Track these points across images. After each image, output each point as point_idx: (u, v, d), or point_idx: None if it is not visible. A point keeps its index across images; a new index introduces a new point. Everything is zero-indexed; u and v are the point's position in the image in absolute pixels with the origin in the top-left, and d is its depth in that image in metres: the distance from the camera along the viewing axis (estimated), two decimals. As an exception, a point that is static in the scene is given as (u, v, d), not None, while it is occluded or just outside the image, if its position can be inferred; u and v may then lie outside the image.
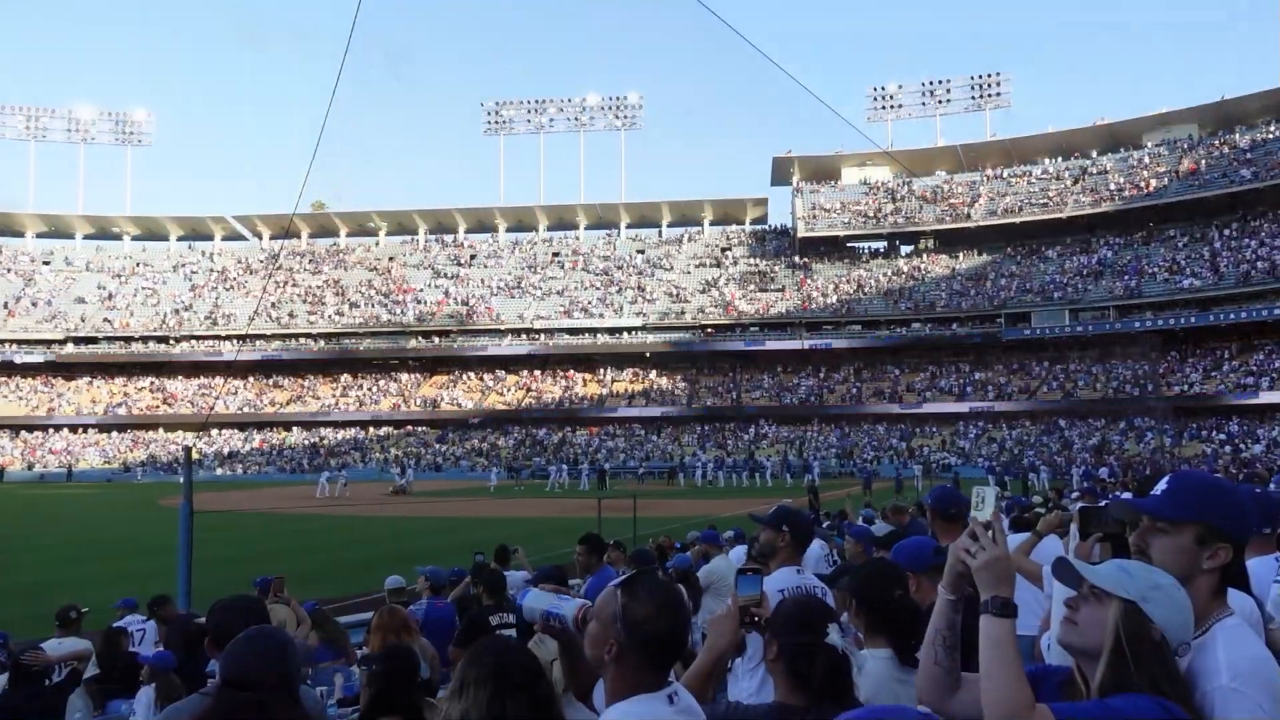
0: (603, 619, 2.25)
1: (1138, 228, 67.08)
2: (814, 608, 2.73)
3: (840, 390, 67.57)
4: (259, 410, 73.16)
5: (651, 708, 2.17)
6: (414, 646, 6.58)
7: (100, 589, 16.54)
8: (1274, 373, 54.18)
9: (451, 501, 41.40)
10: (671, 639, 2.21)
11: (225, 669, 2.78)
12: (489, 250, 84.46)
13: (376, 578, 10.02)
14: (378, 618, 6.64)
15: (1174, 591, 2.05)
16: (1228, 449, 48.60)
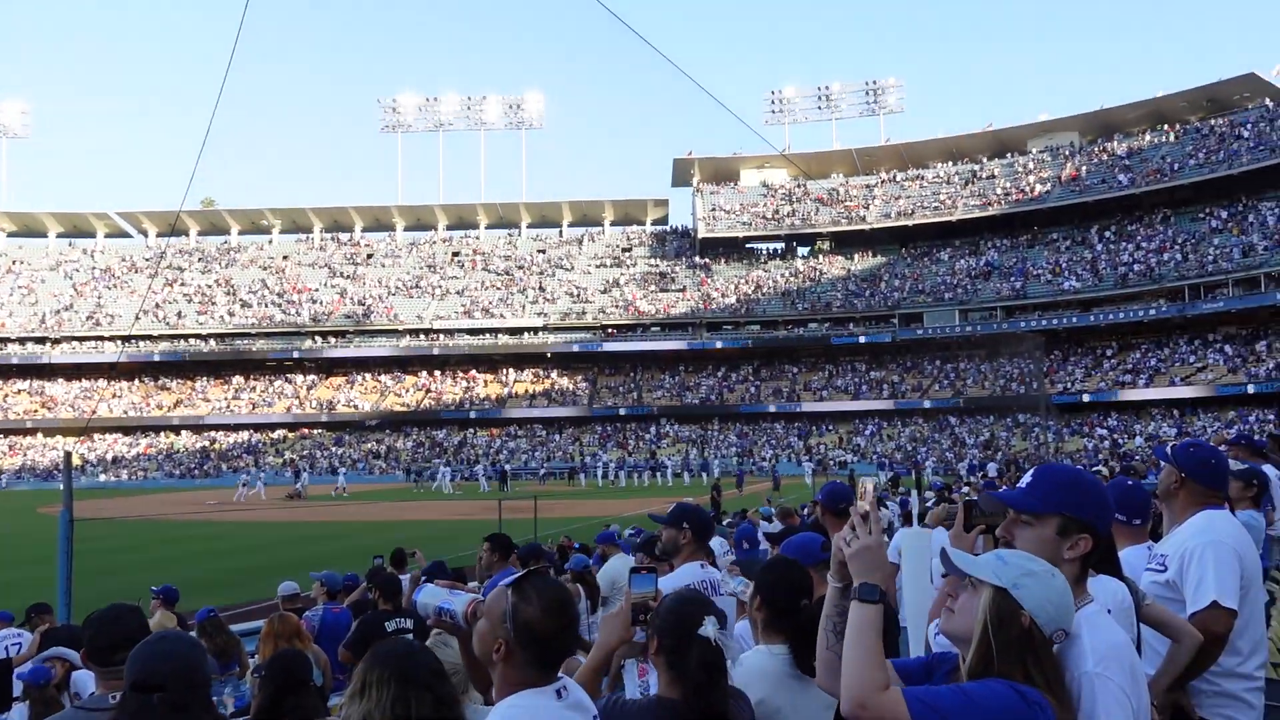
0: (492, 618, 2.26)
1: (1023, 231, 69.41)
2: (690, 601, 2.76)
3: (740, 390, 68.35)
4: (145, 414, 70.68)
5: (538, 702, 2.19)
6: (306, 653, 6.47)
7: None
8: (1150, 371, 56.64)
9: (348, 505, 40.72)
10: (560, 638, 2.24)
11: (135, 672, 2.69)
12: (387, 249, 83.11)
13: (271, 585, 9.79)
14: (268, 625, 6.52)
15: (1048, 579, 2.09)
16: (1107, 444, 50.61)
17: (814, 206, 76.24)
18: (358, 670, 2.75)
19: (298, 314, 74.50)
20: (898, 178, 76.61)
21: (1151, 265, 58.84)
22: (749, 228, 76.21)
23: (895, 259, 72.24)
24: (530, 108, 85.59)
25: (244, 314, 74.84)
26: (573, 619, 2.28)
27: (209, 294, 77.28)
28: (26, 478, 62.45)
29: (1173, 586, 3.68)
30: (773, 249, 78.16)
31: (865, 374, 66.97)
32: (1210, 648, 3.52)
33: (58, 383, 73.21)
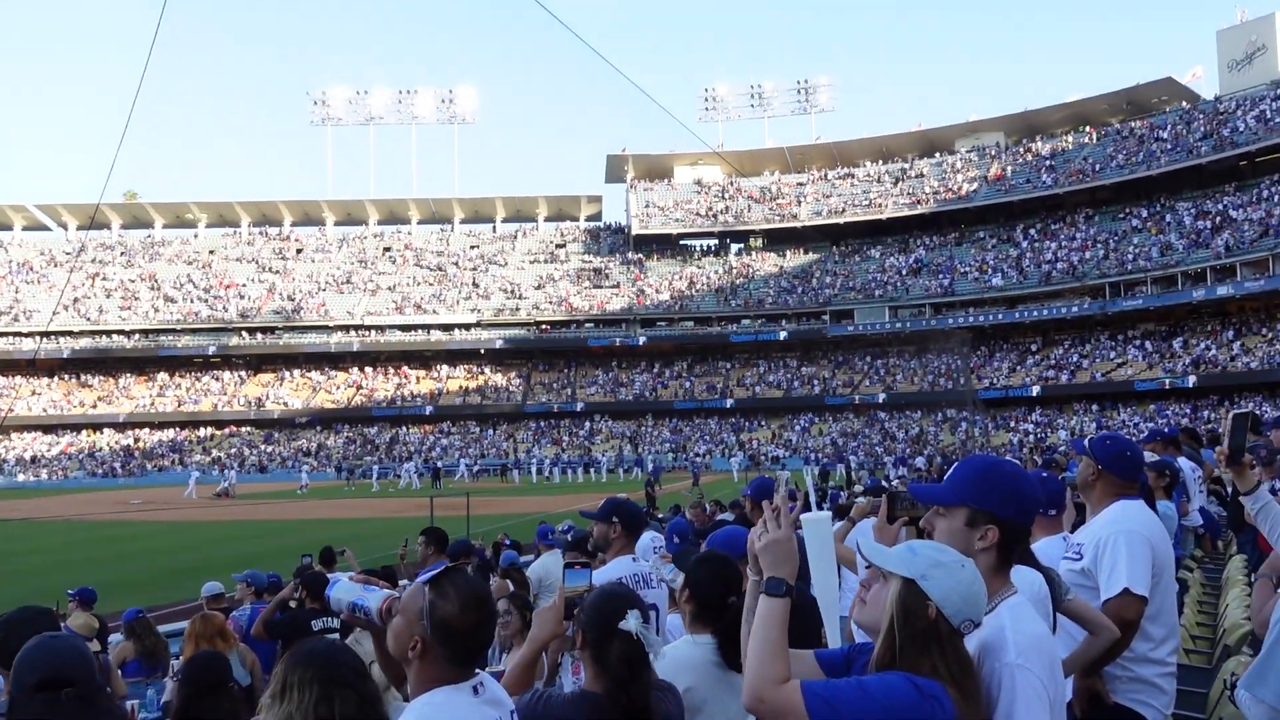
0: (408, 614, 2.24)
1: (951, 229, 70.65)
2: (614, 596, 2.78)
3: (674, 385, 68.58)
4: (66, 412, 68.77)
5: (454, 699, 2.18)
6: (231, 653, 6.36)
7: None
8: (1072, 366, 58.03)
9: (276, 504, 40.08)
10: (477, 636, 2.23)
11: (40, 670, 2.61)
12: (316, 244, 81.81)
13: (196, 585, 9.60)
14: (191, 625, 6.40)
15: (956, 570, 2.10)
16: (1031, 438, 51.77)
17: (747, 204, 76.75)
18: (277, 671, 2.70)
19: (225, 309, 73.00)
20: (829, 176, 77.42)
21: (1074, 263, 60.26)
22: (683, 224, 76.49)
23: (827, 256, 73.02)
24: (463, 102, 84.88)
25: (169, 309, 73.15)
26: (490, 615, 2.27)
27: (132, 289, 75.39)
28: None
29: (1087, 574, 3.78)
30: (706, 246, 78.53)
31: (797, 370, 67.61)
32: (1122, 634, 3.62)
33: (-27, 380, 70.88)
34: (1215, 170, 58.80)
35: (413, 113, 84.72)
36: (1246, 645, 5.47)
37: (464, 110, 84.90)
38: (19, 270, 77.22)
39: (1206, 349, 53.32)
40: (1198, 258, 54.15)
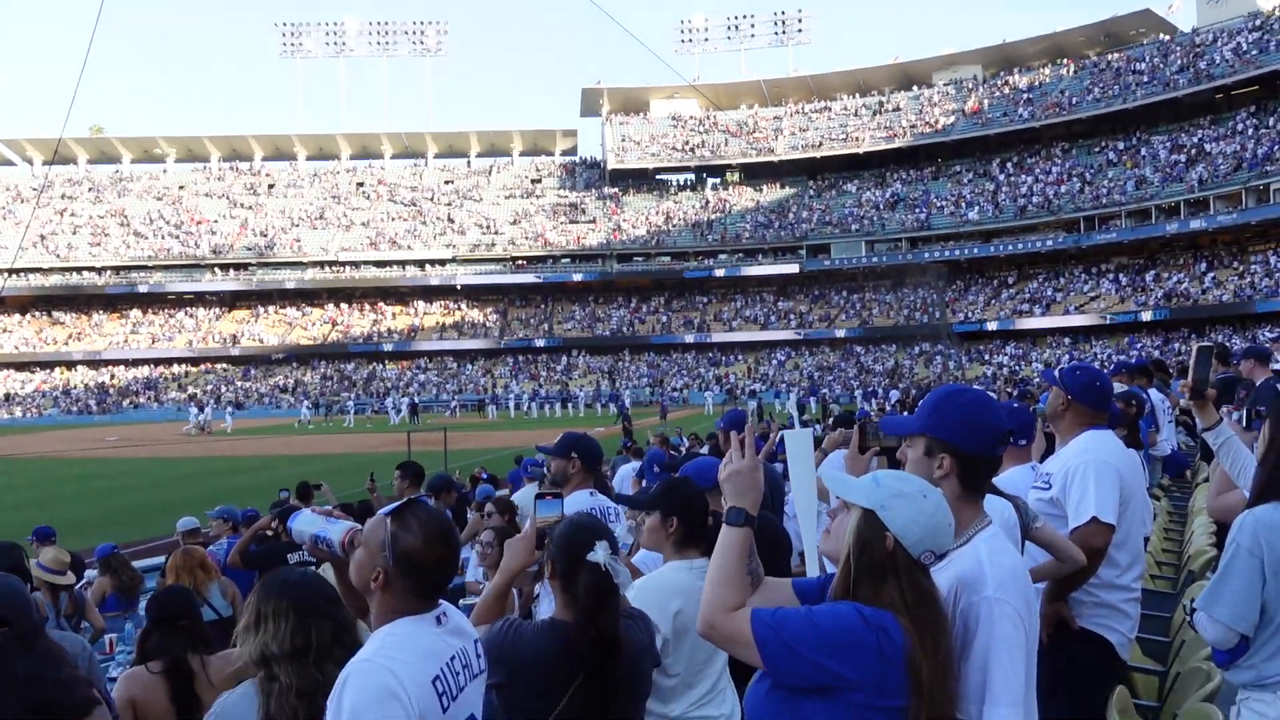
0: (370, 547, 2.22)
1: (928, 163, 70.43)
2: (583, 527, 2.79)
3: (651, 320, 68.58)
4: (39, 349, 68.07)
5: (416, 629, 2.17)
6: (212, 584, 6.38)
7: None
8: (1047, 300, 58.36)
9: (253, 440, 40.02)
10: (440, 568, 2.21)
11: None
12: (289, 180, 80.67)
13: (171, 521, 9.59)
14: (172, 559, 6.40)
15: (917, 500, 2.06)
16: (1005, 370, 52.21)
17: (723, 138, 76.15)
18: (250, 602, 2.70)
19: (197, 246, 72.10)
20: (806, 109, 76.80)
21: (1049, 197, 60.30)
22: (658, 159, 75.87)
23: (803, 190, 72.75)
24: (436, 35, 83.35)
25: (140, 245, 72.20)
26: (454, 548, 2.25)
27: (101, 225, 74.27)
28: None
29: (1056, 503, 3.81)
30: (683, 180, 78.00)
31: (774, 304, 67.69)
32: (1089, 561, 3.66)
33: (-58, 318, 69.96)
34: (1191, 103, 58.68)
35: (385, 45, 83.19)
36: (1210, 571, 5.57)
37: (437, 43, 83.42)
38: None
39: (1179, 282, 53.70)
40: (1171, 191, 54.25)
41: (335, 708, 2.00)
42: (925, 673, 1.96)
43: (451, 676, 2.16)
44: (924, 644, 1.99)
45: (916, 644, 1.98)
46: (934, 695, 1.97)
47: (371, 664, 2.04)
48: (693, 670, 3.42)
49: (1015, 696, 2.13)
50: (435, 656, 2.15)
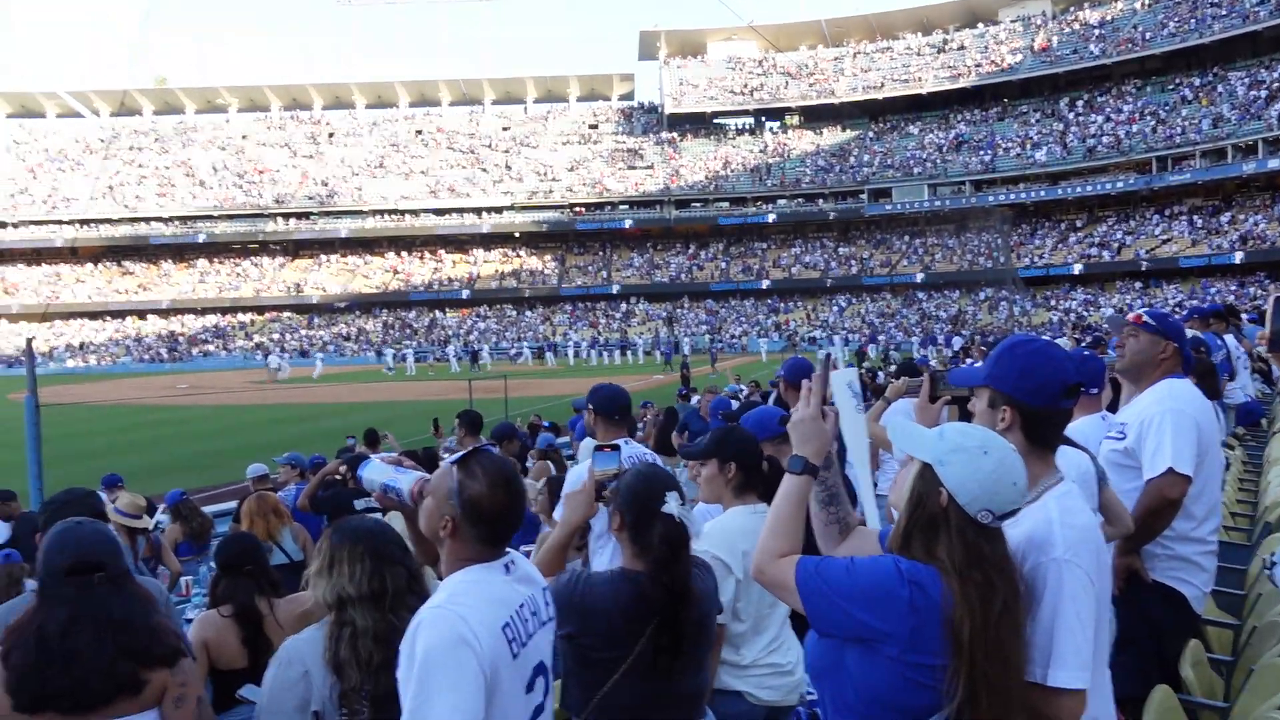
0: (438, 495, 2.24)
1: (993, 103, 68.71)
2: (653, 478, 2.79)
3: (709, 267, 68.24)
4: (110, 299, 69.76)
5: (486, 576, 2.19)
6: (284, 529, 6.52)
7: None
8: (1116, 244, 56.95)
9: (319, 387, 40.72)
10: (506, 516, 2.22)
11: (71, 555, 2.66)
12: (348, 128, 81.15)
13: (240, 467, 9.80)
14: (246, 504, 6.53)
15: (977, 457, 1.98)
16: (1073, 316, 51.20)
17: (782, 80, 74.93)
18: (323, 546, 2.74)
19: (260, 195, 73.08)
20: (867, 49, 75.20)
21: (1120, 137, 58.57)
22: (717, 102, 74.95)
23: (864, 133, 71.50)
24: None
25: (205, 195, 73.34)
26: (519, 495, 2.26)
27: (167, 176, 75.49)
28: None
29: (1130, 454, 3.71)
30: (741, 124, 77.02)
31: (834, 250, 66.93)
32: (1164, 512, 3.57)
33: (18, 268, 71.86)
34: (1271, 37, 56.27)
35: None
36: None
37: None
38: (55, 158, 77.42)
39: (1255, 224, 52.01)
40: (1250, 129, 52.36)
41: (409, 652, 2.03)
42: (967, 633, 1.91)
43: (521, 624, 2.18)
44: (969, 605, 1.92)
45: (960, 603, 1.93)
46: (977, 658, 1.91)
47: (443, 611, 2.06)
48: (760, 616, 3.45)
49: (1082, 660, 2.07)
50: (505, 604, 2.17)
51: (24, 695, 2.43)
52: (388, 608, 2.63)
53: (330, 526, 2.82)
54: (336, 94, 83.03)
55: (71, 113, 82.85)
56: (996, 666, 1.93)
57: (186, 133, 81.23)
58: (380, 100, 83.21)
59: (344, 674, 2.56)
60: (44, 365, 53.75)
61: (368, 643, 2.58)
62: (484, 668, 2.03)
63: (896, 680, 1.97)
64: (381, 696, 2.51)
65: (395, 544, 2.77)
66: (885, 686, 1.98)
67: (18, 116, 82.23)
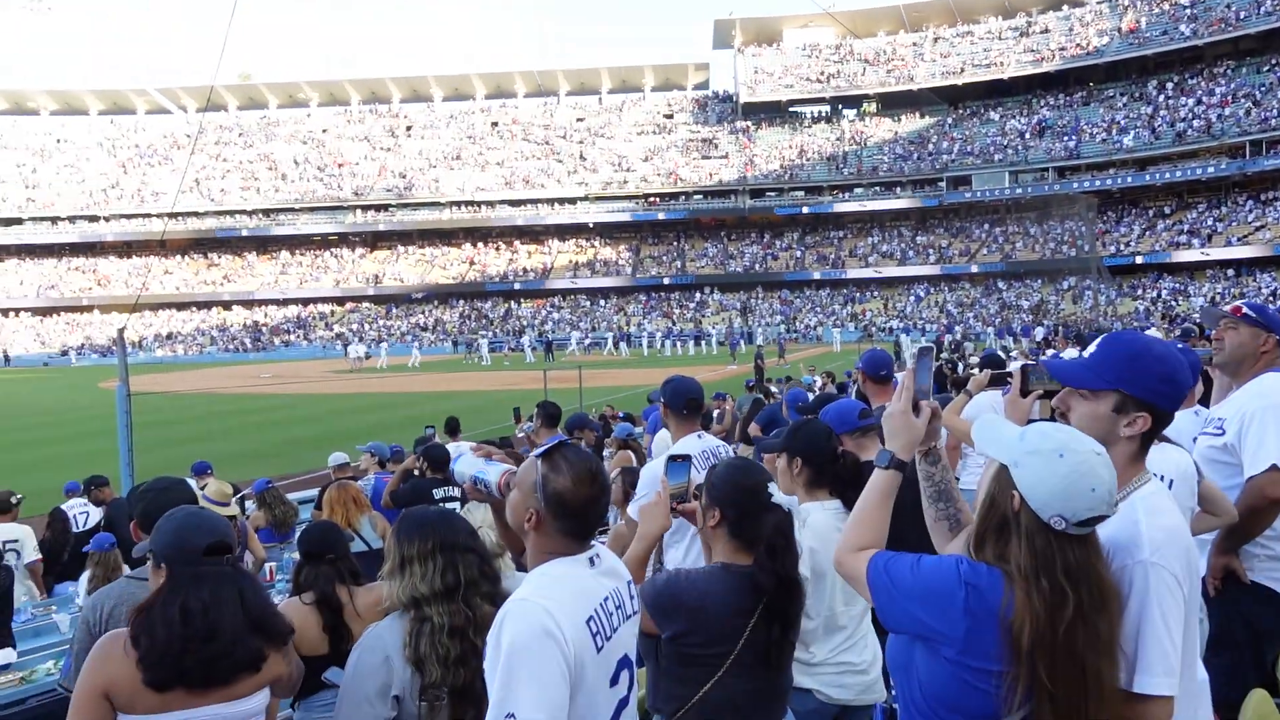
0: (524, 488, 2.25)
1: (1078, 88, 67.01)
2: (752, 470, 2.80)
3: (784, 257, 67.77)
4: (196, 290, 71.76)
5: (570, 570, 2.20)
6: (363, 518, 6.63)
7: (41, 474, 16.40)
8: (1206, 231, 55.18)
9: (396, 377, 41.36)
10: (590, 510, 2.23)
11: (206, 536, 2.73)
12: (426, 121, 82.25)
13: (321, 456, 9.99)
14: (328, 493, 6.66)
15: (1052, 460, 1.92)
16: (1161, 307, 49.78)
17: (860, 67, 73.98)
18: (391, 546, 2.76)
19: (340, 188, 74.47)
20: (947, 34, 73.87)
21: (1211, 120, 56.68)
22: (792, 90, 74.30)
23: (943, 120, 70.29)
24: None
25: (287, 188, 74.96)
26: (604, 489, 2.26)
27: (251, 169, 77.33)
28: (87, 353, 63.94)
29: (1230, 450, 3.58)
30: (817, 112, 76.25)
31: (911, 239, 65.99)
32: (1266, 511, 3.45)
33: (109, 259, 74.34)
34: (1376, 14, 54.07)
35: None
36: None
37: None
38: (144, 154, 79.81)
39: (1356, 210, 50.00)
40: (1351, 111, 50.32)
41: (494, 644, 2.04)
42: (1027, 641, 1.85)
43: (605, 617, 2.19)
44: (1031, 612, 1.86)
45: (1021, 610, 1.87)
46: (1040, 669, 1.85)
47: (528, 604, 2.07)
48: (833, 614, 3.41)
49: (1169, 666, 2.01)
50: (589, 597, 2.18)
51: (163, 671, 2.48)
52: (461, 599, 2.65)
53: (397, 522, 2.84)
54: (414, 87, 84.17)
55: (160, 109, 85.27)
56: (1067, 679, 1.87)
57: (269, 127, 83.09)
58: (457, 92, 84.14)
59: (424, 669, 2.59)
60: (134, 355, 55.42)
61: (444, 638, 2.61)
62: (568, 660, 2.04)
63: (954, 682, 1.95)
64: (461, 688, 2.54)
65: (463, 531, 2.79)
66: (945, 688, 1.98)
67: (110, 113, 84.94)
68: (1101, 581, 1.93)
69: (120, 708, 2.49)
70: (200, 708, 2.52)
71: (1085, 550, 1.92)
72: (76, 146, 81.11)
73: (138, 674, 2.48)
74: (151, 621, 2.52)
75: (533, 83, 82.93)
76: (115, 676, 2.49)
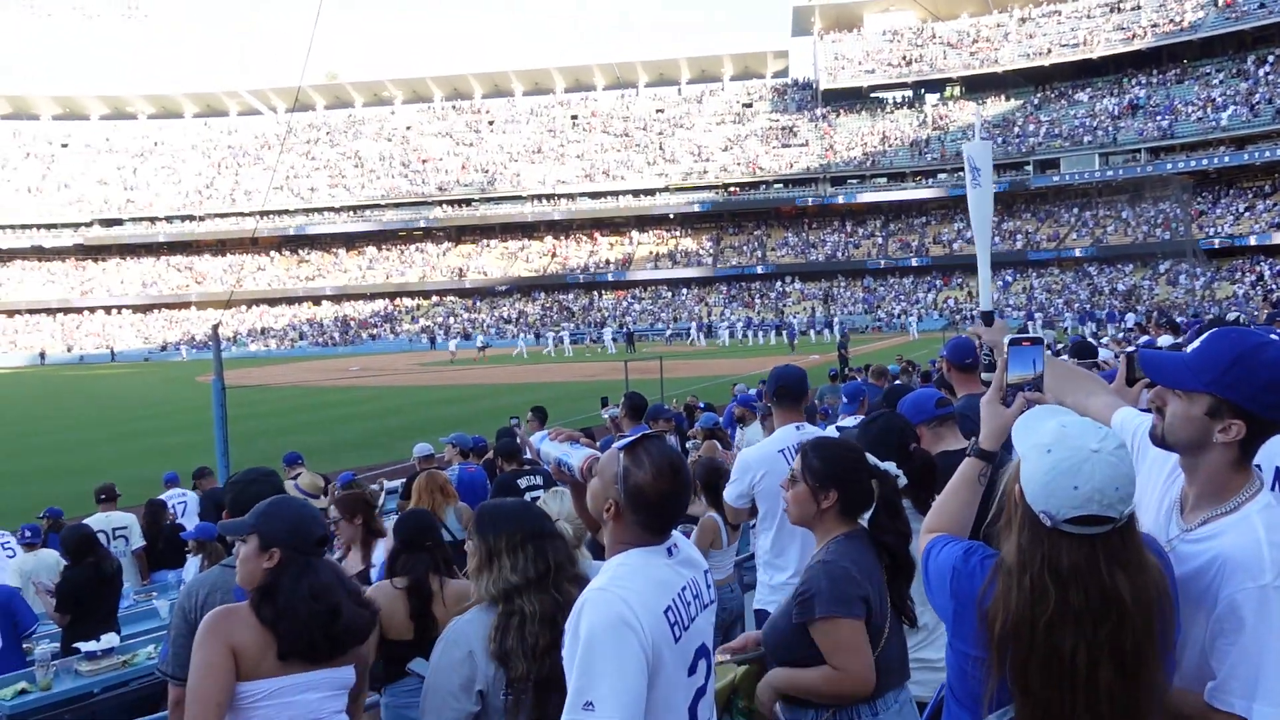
0: (604, 478, 2.26)
1: (1172, 65, 64.81)
2: (844, 443, 2.92)
3: (866, 245, 66.93)
4: (287, 286, 73.58)
5: (648, 559, 2.19)
6: (448, 509, 6.72)
7: (141, 464, 16.99)
8: (1309, 211, 53.01)
9: (480, 369, 41.87)
10: (669, 504, 2.22)
11: (316, 529, 2.86)
12: (507, 115, 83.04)
13: (407, 446, 10.17)
14: (417, 482, 6.76)
15: (1040, 454, 1.84)
16: (1260, 291, 47.95)
17: (942, 50, 72.60)
18: (474, 543, 2.77)
19: (424, 183, 75.63)
20: (1033, 14, 72.04)
21: (1315, 96, 54.39)
22: (873, 76, 73.23)
23: (1029, 102, 68.62)
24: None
25: (373, 185, 76.38)
26: (684, 484, 2.24)
27: (338, 167, 78.96)
28: (185, 348, 66.04)
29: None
30: (899, 98, 75.03)
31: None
32: None
33: (205, 257, 76.64)
34: None
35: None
36: None
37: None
38: (237, 153, 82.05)
39: None
40: None
41: (573, 633, 2.06)
42: (997, 632, 1.82)
43: (683, 607, 2.19)
44: (1005, 603, 1.82)
45: (998, 600, 1.83)
46: (1007, 660, 1.81)
47: (606, 593, 2.08)
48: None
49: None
50: (667, 587, 2.17)
51: (298, 643, 2.68)
52: (552, 585, 2.67)
53: (475, 517, 2.85)
54: (495, 82, 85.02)
55: (251, 110, 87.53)
56: (1046, 677, 1.80)
57: (355, 125, 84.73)
58: (537, 87, 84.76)
59: (510, 664, 2.60)
60: (227, 350, 57.07)
61: (534, 627, 2.62)
62: (646, 650, 2.04)
63: (955, 668, 2.01)
64: (545, 679, 2.55)
65: (541, 516, 2.82)
66: (953, 672, 2.03)
67: (204, 116, 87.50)
68: (1111, 593, 1.79)
69: (243, 671, 2.64)
70: (312, 672, 2.73)
71: (1091, 553, 1.80)
72: (172, 149, 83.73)
73: (269, 643, 2.67)
74: (283, 599, 2.69)
75: (611, 75, 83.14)
76: (245, 641, 2.66)
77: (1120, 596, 1.79)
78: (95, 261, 77.08)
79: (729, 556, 5.77)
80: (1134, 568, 1.81)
